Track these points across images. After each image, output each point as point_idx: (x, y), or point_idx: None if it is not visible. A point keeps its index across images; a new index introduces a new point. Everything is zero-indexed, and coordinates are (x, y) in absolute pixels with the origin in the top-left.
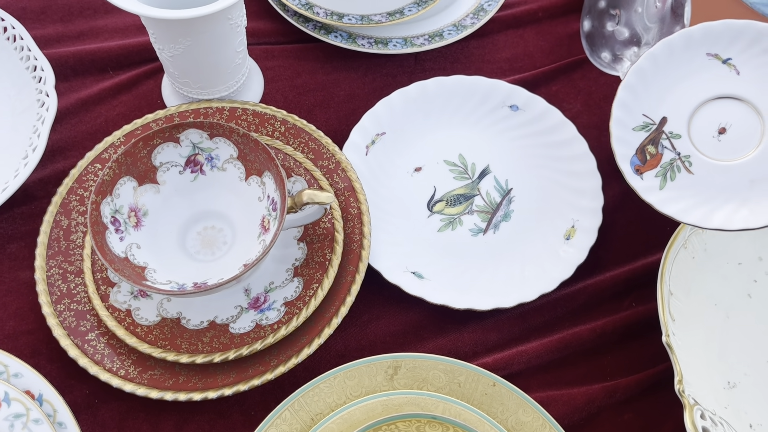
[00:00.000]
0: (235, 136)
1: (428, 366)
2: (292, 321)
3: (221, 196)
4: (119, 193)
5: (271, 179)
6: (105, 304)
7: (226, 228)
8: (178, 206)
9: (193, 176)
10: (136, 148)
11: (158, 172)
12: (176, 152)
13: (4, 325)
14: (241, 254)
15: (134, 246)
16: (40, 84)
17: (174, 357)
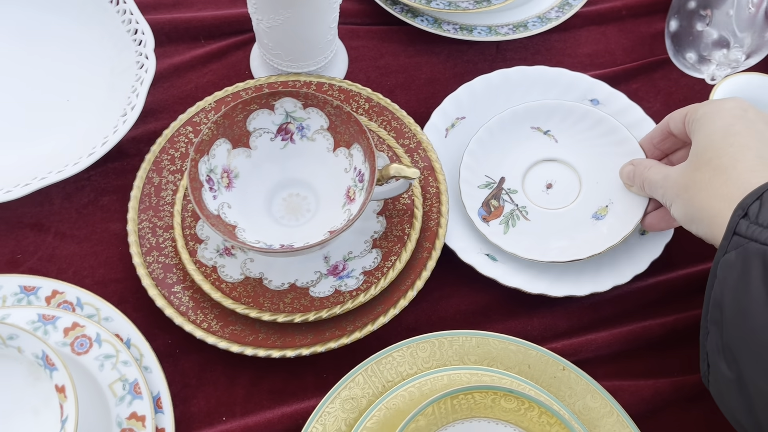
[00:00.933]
0: (328, 108)
1: (499, 345)
2: (370, 289)
3: (308, 165)
4: (215, 154)
5: (360, 152)
6: (193, 259)
7: (310, 196)
8: (267, 172)
9: (283, 144)
10: (234, 111)
11: (251, 137)
12: (270, 119)
13: (95, 272)
14: (324, 222)
15: (225, 205)
16: (140, 47)
17: (256, 314)
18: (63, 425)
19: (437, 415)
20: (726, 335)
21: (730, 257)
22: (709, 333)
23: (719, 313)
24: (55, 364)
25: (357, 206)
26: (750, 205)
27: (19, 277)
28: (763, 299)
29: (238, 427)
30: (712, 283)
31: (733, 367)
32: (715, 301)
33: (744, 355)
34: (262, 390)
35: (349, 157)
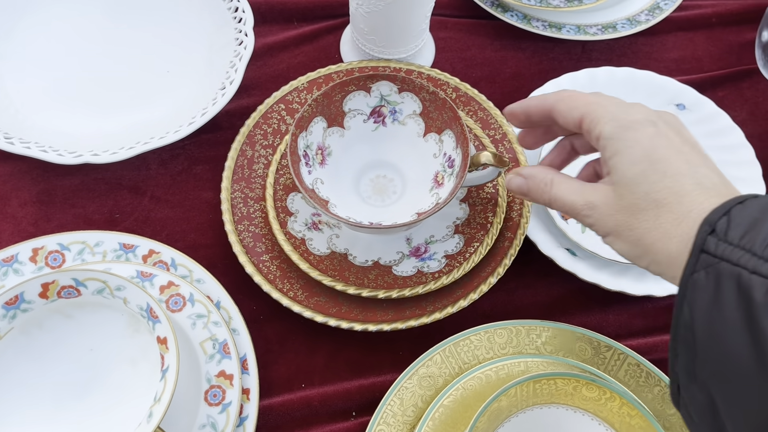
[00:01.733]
0: (423, 93)
1: (576, 337)
2: (453, 272)
3: (397, 148)
4: (312, 131)
5: (451, 138)
6: (283, 230)
7: (396, 179)
8: (358, 152)
9: (375, 126)
10: (333, 91)
11: (346, 117)
12: (365, 101)
13: (186, 236)
14: (410, 204)
15: (319, 181)
16: (239, 24)
17: (342, 287)
18: (164, 374)
19: (518, 398)
20: (698, 359)
21: (699, 277)
22: (679, 355)
23: (690, 335)
24: (158, 317)
25: (446, 191)
26: (717, 221)
27: (119, 235)
28: (738, 324)
29: (317, 394)
30: (681, 303)
31: (704, 392)
32: (684, 322)
33: (717, 381)
34: (340, 361)
35: (440, 143)
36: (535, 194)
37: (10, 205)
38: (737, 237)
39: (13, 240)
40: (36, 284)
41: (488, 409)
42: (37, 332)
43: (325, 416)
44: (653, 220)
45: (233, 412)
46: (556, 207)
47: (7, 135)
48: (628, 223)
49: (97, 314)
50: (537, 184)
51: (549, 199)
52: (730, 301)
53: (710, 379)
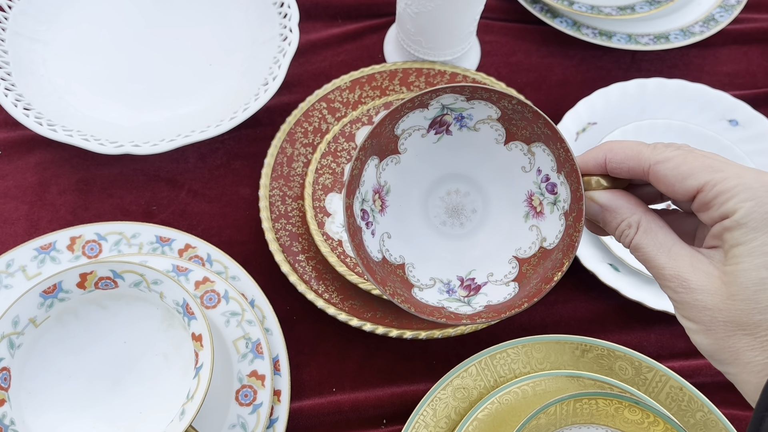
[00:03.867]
0: (504, 102)
1: (616, 356)
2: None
3: (469, 156)
4: (364, 180)
5: (547, 155)
6: (320, 231)
7: (473, 192)
8: (417, 172)
9: (436, 138)
10: (381, 127)
11: (399, 140)
12: (421, 116)
13: (222, 231)
14: (499, 232)
15: (385, 236)
16: (284, 20)
17: (378, 292)
18: (197, 372)
19: (557, 416)
20: None
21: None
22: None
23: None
24: (194, 313)
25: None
26: None
27: (156, 228)
28: None
29: (348, 400)
30: (762, 416)
31: None
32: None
33: None
34: (372, 367)
35: (530, 155)
36: (612, 229)
37: (49, 192)
38: None
39: (51, 227)
40: (74, 274)
41: (527, 426)
42: (73, 322)
43: (356, 422)
44: (761, 341)
45: (264, 413)
46: (638, 257)
47: (50, 122)
48: (728, 327)
49: (132, 307)
50: (617, 221)
51: (631, 245)
52: None
53: None
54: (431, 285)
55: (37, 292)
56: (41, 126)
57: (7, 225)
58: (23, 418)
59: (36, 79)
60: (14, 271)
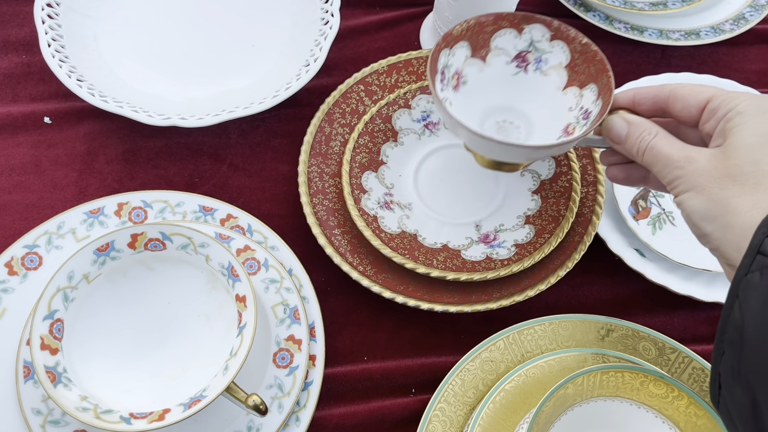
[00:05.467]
0: (575, 44)
1: (640, 336)
2: (523, 261)
3: (532, 99)
4: (455, 53)
5: (593, 92)
6: (357, 206)
7: (522, 127)
8: (491, 91)
9: (516, 71)
10: (486, 20)
11: (490, 53)
12: (513, 42)
13: (261, 205)
14: None
15: (448, 102)
16: (326, 4)
17: (412, 266)
18: (240, 331)
19: (584, 387)
20: (744, 360)
21: (753, 278)
22: (724, 354)
23: (738, 335)
24: (239, 276)
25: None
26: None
27: (199, 198)
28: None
29: (379, 368)
30: (731, 303)
31: (747, 393)
32: (734, 322)
33: (763, 382)
34: (403, 338)
35: (579, 97)
36: (633, 141)
37: (97, 161)
38: None
39: (99, 194)
40: (126, 234)
41: (554, 395)
42: (122, 281)
43: (386, 390)
44: (750, 187)
45: (300, 375)
46: (648, 157)
47: (102, 93)
48: (721, 182)
49: (177, 269)
50: (639, 132)
51: (648, 146)
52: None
53: (755, 380)
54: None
55: (91, 250)
56: (93, 97)
57: (57, 190)
58: (74, 368)
59: (88, 53)
60: (65, 233)
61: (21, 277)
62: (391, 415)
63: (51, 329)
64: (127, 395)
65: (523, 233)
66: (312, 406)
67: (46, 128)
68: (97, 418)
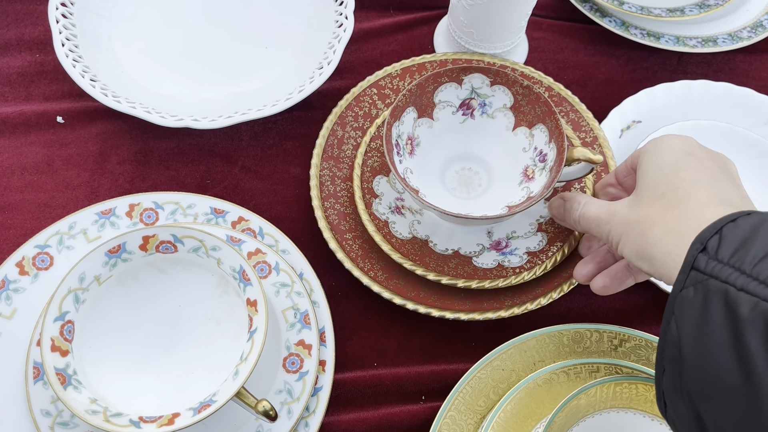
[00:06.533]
0: (516, 87)
1: (653, 347)
2: (535, 269)
3: (484, 142)
4: (404, 120)
5: (544, 133)
6: (368, 210)
7: (482, 172)
8: (445, 144)
9: (463, 119)
10: (426, 82)
11: (435, 108)
12: (455, 93)
13: (273, 208)
14: (496, 197)
15: (408, 170)
16: (340, 7)
17: (422, 272)
18: (251, 335)
19: (597, 398)
20: (685, 376)
21: (688, 293)
22: (665, 371)
23: (677, 351)
24: (250, 280)
25: (538, 185)
26: (708, 240)
27: (211, 200)
28: (725, 341)
29: (389, 375)
30: (669, 319)
31: (691, 407)
32: (671, 339)
33: (704, 397)
34: (413, 345)
35: (530, 137)
36: (569, 213)
37: (109, 161)
38: (727, 255)
39: (110, 195)
40: (137, 236)
41: (567, 406)
42: (132, 283)
43: (396, 397)
44: (660, 215)
45: (310, 381)
46: (583, 224)
47: (115, 94)
48: (637, 219)
49: (188, 272)
50: (572, 204)
51: (579, 216)
52: (718, 318)
53: (697, 395)
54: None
55: (103, 251)
56: (107, 97)
57: (69, 190)
58: (84, 369)
59: (101, 53)
60: (76, 233)
61: (32, 277)
62: (401, 422)
63: (62, 331)
64: (137, 398)
65: (535, 240)
66: (321, 411)
67: (58, 128)
68: (107, 421)
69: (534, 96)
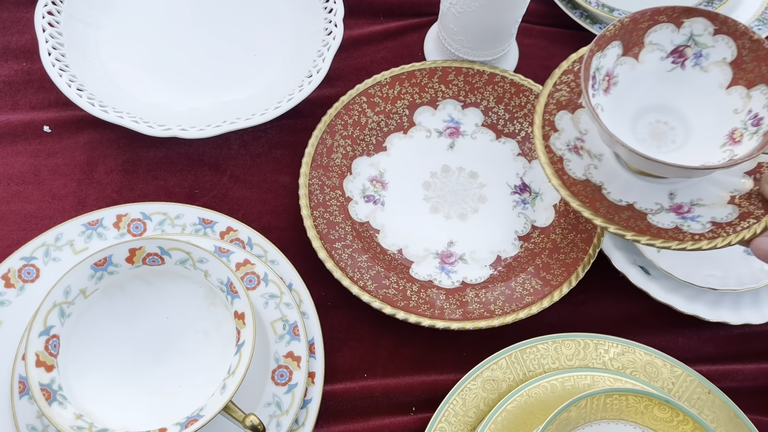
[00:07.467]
0: (744, 39)
1: (644, 357)
2: (717, 240)
3: (689, 96)
4: (606, 54)
5: (764, 95)
6: (545, 143)
7: (679, 128)
8: (645, 90)
9: (671, 67)
10: (642, 17)
11: (643, 50)
12: (669, 37)
13: (262, 217)
14: (691, 155)
15: (599, 107)
16: (330, 15)
17: (589, 214)
18: (239, 349)
19: (588, 410)
20: None
21: None
22: None
23: None
24: (238, 292)
25: (744, 149)
26: None
27: (199, 210)
28: None
29: (380, 386)
30: None
31: None
32: None
33: None
34: (403, 355)
35: (746, 98)
36: None
37: (97, 171)
38: None
39: (98, 205)
40: (124, 249)
41: (557, 418)
42: (119, 295)
43: (386, 408)
44: None
45: (299, 393)
46: None
47: (102, 103)
48: None
49: (175, 284)
50: None
51: None
52: None
53: None
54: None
55: (89, 264)
56: (93, 107)
57: (56, 201)
58: (69, 384)
59: (88, 62)
60: (62, 245)
61: (18, 290)
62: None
63: (47, 345)
64: (123, 413)
65: (724, 212)
66: (311, 424)
67: (45, 137)
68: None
69: (764, 51)
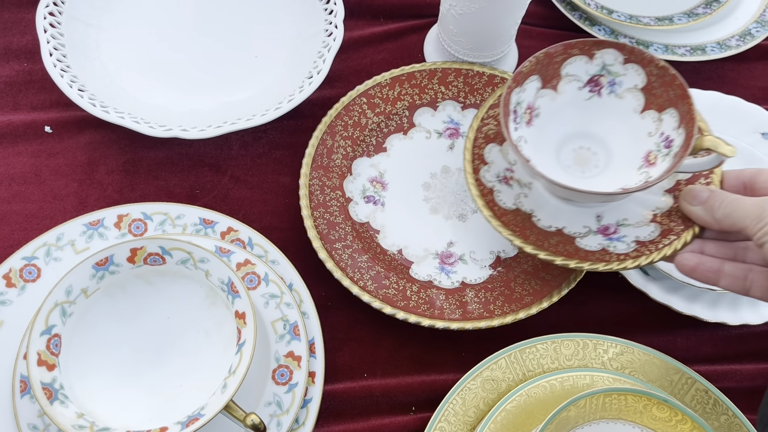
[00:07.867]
0: (651, 67)
1: (643, 357)
2: (640, 258)
3: (608, 122)
4: (526, 88)
5: (674, 118)
6: (475, 176)
7: (601, 153)
8: (566, 119)
9: (589, 96)
10: (556, 51)
11: (561, 81)
12: (584, 68)
13: (262, 218)
14: (612, 180)
15: (523, 139)
16: (330, 16)
17: (520, 243)
18: (240, 348)
19: (587, 409)
20: None
21: None
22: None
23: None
24: (239, 292)
25: (658, 171)
26: None
27: (200, 210)
28: None
29: (379, 386)
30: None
31: None
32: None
33: None
34: (403, 355)
35: (658, 122)
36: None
37: (98, 171)
38: None
39: (99, 205)
40: (125, 248)
41: (557, 417)
42: (120, 295)
43: (386, 408)
44: None
45: (299, 393)
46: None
47: (103, 104)
48: None
49: (176, 284)
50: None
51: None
52: None
53: None
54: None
55: (90, 264)
56: (95, 107)
57: (57, 201)
58: (71, 383)
59: (89, 62)
60: (63, 245)
61: (19, 290)
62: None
63: (48, 345)
64: (125, 412)
65: (647, 231)
66: (311, 424)
67: (46, 137)
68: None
69: (669, 78)
